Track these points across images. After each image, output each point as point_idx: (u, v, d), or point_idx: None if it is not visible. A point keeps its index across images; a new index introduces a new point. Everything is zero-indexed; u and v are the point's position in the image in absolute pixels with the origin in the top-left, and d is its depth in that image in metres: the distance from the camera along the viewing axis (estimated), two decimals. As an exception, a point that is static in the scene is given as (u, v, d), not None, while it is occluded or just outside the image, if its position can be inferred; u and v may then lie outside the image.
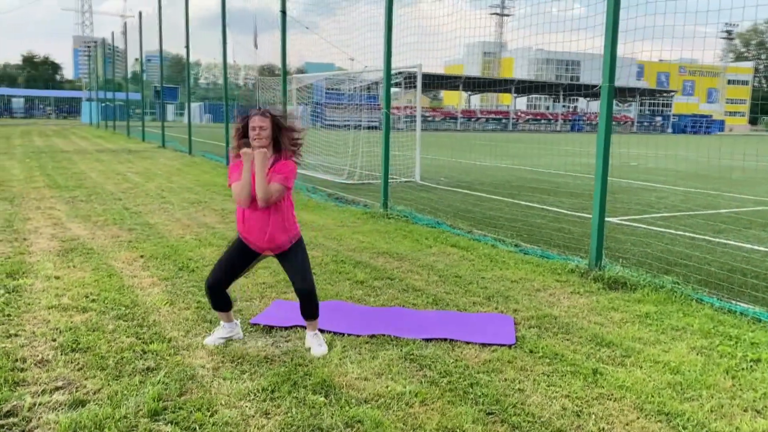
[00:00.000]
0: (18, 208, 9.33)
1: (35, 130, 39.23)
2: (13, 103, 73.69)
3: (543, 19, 8.11)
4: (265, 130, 3.91)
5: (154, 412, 3.16)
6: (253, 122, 3.92)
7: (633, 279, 5.76)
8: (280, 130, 3.96)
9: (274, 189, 3.89)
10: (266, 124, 3.92)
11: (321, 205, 10.34)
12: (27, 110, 73.33)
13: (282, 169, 3.93)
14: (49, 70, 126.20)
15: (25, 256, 6.35)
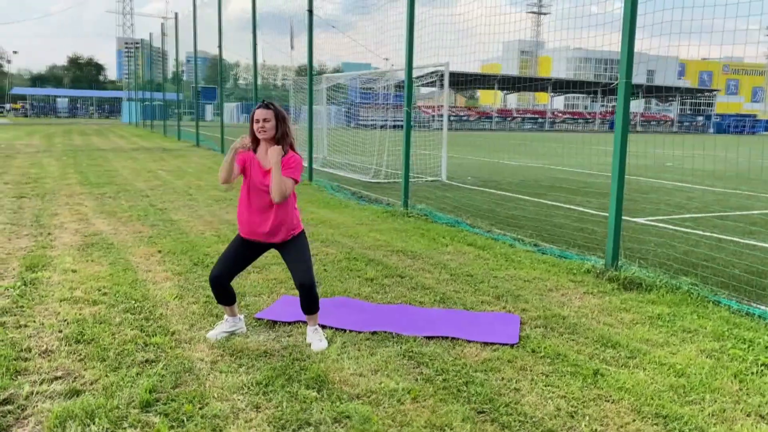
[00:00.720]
0: (48, 204, 9.58)
1: (76, 129, 40.25)
2: (57, 103, 75.76)
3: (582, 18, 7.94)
4: (269, 121, 3.93)
5: (146, 403, 3.20)
6: (257, 115, 3.94)
7: (649, 280, 5.63)
8: (282, 122, 3.97)
9: (287, 184, 3.89)
10: (270, 116, 3.93)
11: (343, 203, 10.36)
12: (71, 110, 75.29)
13: (289, 164, 3.94)
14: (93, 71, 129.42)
15: (46, 250, 6.51)
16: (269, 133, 3.92)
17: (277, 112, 3.97)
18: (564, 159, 22.88)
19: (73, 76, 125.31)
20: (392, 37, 10.89)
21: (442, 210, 9.67)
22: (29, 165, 15.44)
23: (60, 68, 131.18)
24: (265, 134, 3.91)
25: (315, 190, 12.05)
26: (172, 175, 14.13)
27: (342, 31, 19.66)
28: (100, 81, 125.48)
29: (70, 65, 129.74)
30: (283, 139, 3.97)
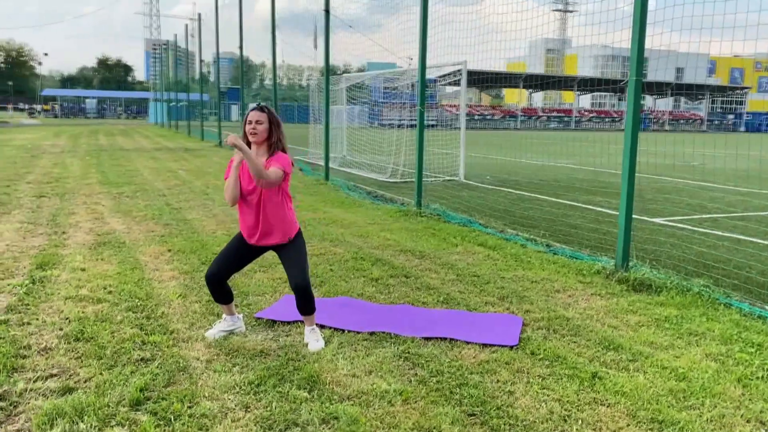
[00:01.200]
0: (66, 203, 9.72)
1: (103, 129, 40.88)
2: (86, 104, 77.03)
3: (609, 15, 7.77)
4: (262, 124, 3.93)
5: (136, 402, 3.21)
6: (250, 117, 3.95)
7: (659, 281, 5.51)
8: (275, 126, 3.98)
9: (273, 173, 3.87)
10: (263, 119, 3.94)
11: (357, 203, 10.35)
12: (99, 111, 76.53)
13: (278, 159, 3.94)
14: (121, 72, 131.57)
15: (59, 249, 6.60)
16: (260, 136, 3.92)
17: (271, 117, 3.97)
18: (587, 158, 22.60)
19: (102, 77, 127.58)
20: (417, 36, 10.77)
21: (457, 210, 9.61)
22: (53, 165, 15.71)
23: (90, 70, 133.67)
24: (256, 137, 3.91)
25: (330, 189, 12.06)
26: (192, 175, 14.26)
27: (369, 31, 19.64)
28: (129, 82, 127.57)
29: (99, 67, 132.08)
30: (275, 142, 3.97)
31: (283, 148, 4.03)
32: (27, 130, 37.53)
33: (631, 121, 5.70)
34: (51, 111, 74.23)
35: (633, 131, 5.70)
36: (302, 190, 11.92)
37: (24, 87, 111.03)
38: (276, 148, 4.00)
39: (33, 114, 70.13)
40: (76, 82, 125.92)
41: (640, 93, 5.65)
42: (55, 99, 79.25)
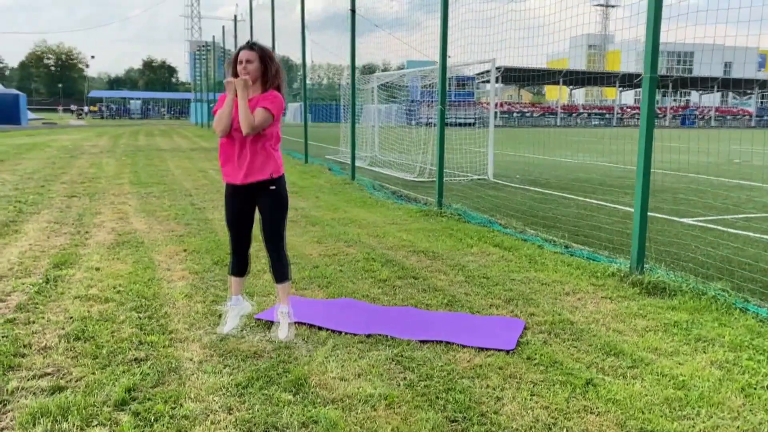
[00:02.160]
0: (95, 203, 9.95)
1: (144, 130, 41.76)
2: (130, 105, 78.85)
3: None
4: (252, 63, 3.92)
5: (121, 402, 3.25)
6: (240, 56, 3.93)
7: (674, 284, 5.34)
8: (267, 65, 3.95)
9: (259, 115, 3.87)
10: (253, 58, 3.92)
11: (379, 203, 10.33)
12: (143, 111, 78.28)
13: (267, 98, 3.92)
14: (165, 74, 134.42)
15: (78, 248, 6.75)
16: (253, 76, 3.91)
17: (262, 53, 3.94)
18: (623, 156, 22.08)
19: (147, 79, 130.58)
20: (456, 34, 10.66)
21: (480, 209, 9.50)
22: (89, 165, 16.10)
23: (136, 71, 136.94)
24: (249, 76, 3.90)
25: (355, 189, 12.06)
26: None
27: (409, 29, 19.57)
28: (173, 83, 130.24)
29: (144, 68, 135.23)
30: (270, 80, 3.93)
31: (278, 86, 4.00)
32: (72, 131, 38.60)
33: (645, 119, 5.54)
34: (97, 112, 76.24)
35: (648, 129, 5.53)
36: (327, 189, 11.96)
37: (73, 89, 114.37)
38: (271, 85, 3.97)
39: (80, 115, 72.14)
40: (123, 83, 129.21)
41: (655, 90, 5.48)
42: (101, 100, 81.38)
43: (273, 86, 3.99)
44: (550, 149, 25.89)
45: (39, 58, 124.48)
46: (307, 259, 6.40)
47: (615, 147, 27.22)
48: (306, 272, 5.89)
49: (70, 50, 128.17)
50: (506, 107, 70.63)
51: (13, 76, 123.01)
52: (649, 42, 5.41)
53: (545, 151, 24.46)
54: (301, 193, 11.31)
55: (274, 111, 3.93)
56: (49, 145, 23.27)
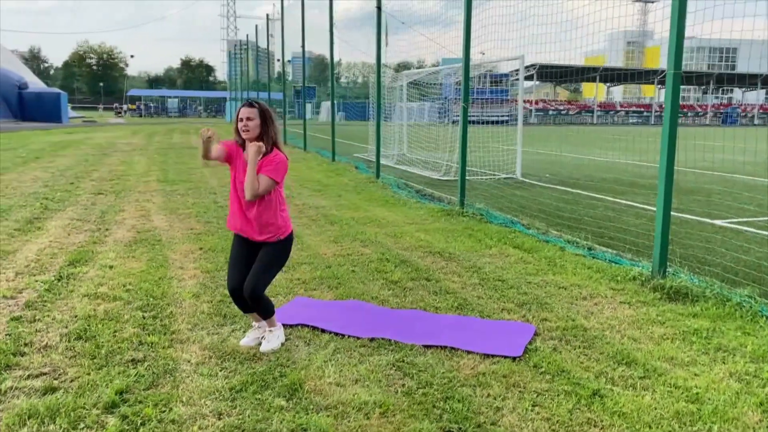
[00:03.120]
0: (120, 200, 10.04)
1: (180, 128, 42.33)
2: (168, 103, 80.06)
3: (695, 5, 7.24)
4: (253, 120, 3.85)
5: (111, 404, 3.21)
6: (241, 113, 3.88)
7: (697, 290, 5.11)
8: (267, 122, 3.89)
9: (263, 182, 3.82)
10: (253, 115, 3.86)
11: (401, 201, 10.21)
12: (180, 110, 79.40)
13: (270, 162, 3.86)
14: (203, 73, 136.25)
15: (96, 246, 6.79)
16: (253, 132, 3.85)
17: (262, 111, 3.89)
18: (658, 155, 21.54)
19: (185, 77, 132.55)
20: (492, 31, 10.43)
21: (504, 209, 9.32)
22: (120, 163, 16.33)
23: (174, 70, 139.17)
24: (248, 134, 3.84)
25: (379, 187, 11.96)
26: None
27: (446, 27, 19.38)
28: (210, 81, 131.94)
29: (182, 67, 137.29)
30: (267, 137, 3.89)
31: (276, 143, 3.95)
32: (110, 128, 39.32)
33: (669, 116, 5.31)
34: (136, 110, 77.61)
35: (671, 127, 5.31)
36: (351, 188, 11.88)
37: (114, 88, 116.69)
38: (270, 143, 3.92)
39: (119, 113, 73.51)
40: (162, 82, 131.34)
41: (679, 87, 5.25)
42: (140, 99, 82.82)
43: (272, 142, 3.92)
44: (583, 148, 25.42)
45: (81, 58, 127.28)
46: (321, 258, 6.32)
47: (650, 146, 26.59)
48: (318, 272, 5.81)
49: (111, 50, 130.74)
50: (541, 105, 69.75)
51: (57, 76, 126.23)
52: (673, 38, 5.19)
53: (578, 150, 24.01)
54: (324, 192, 11.25)
55: (279, 178, 3.88)
56: (85, 143, 23.70)
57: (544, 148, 24.30)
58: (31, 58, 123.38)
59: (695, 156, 20.58)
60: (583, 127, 55.44)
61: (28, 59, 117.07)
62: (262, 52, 35.09)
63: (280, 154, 3.92)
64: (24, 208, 9.03)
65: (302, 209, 9.36)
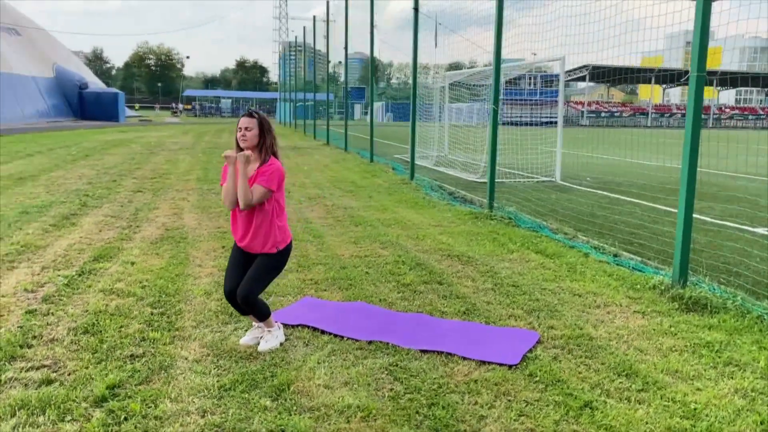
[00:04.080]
0: (156, 198, 10.30)
1: (229, 128, 43.11)
2: (221, 104, 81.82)
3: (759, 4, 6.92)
4: (251, 130, 3.90)
5: (101, 398, 3.28)
6: (240, 123, 3.93)
7: (717, 301, 4.91)
8: (265, 132, 3.93)
9: (256, 192, 3.86)
10: (253, 125, 3.91)
11: (431, 203, 10.15)
12: (233, 110, 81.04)
13: (265, 171, 3.89)
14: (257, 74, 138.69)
15: (123, 242, 6.97)
16: (251, 142, 3.89)
17: (261, 122, 3.92)
18: (710, 159, 20.80)
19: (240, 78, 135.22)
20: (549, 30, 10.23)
21: (536, 213, 9.17)
22: (164, 161, 16.74)
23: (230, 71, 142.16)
24: (246, 143, 3.89)
25: (411, 189, 11.92)
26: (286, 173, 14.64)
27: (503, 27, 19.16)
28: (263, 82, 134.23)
29: (238, 68, 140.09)
30: (267, 147, 3.93)
31: (274, 152, 3.99)
32: (163, 128, 40.41)
33: (691, 120, 5.13)
34: (191, 110, 79.61)
35: (694, 130, 5.12)
36: (383, 189, 11.88)
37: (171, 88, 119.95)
38: (268, 153, 3.96)
39: (175, 113, 75.50)
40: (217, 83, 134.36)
41: (702, 89, 5.06)
42: (195, 99, 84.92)
43: (270, 153, 3.96)
44: (632, 151, 24.77)
45: (141, 59, 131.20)
46: (337, 259, 6.34)
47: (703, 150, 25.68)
48: (332, 273, 5.83)
49: (169, 51, 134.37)
50: (594, 107, 68.37)
51: (118, 76, 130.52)
52: (697, 39, 5.01)
53: (626, 153, 23.42)
54: (356, 193, 11.29)
55: (273, 187, 3.91)
56: (135, 142, 24.41)
57: (590, 151, 23.79)
58: (94, 59, 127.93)
59: (751, 161, 19.83)
60: (636, 130, 54.10)
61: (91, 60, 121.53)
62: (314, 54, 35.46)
63: (276, 163, 3.95)
64: (64, 204, 9.35)
65: (330, 210, 9.41)
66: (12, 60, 42.45)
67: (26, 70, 43.78)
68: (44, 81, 46.03)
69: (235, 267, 4.09)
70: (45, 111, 44.00)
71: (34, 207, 8.97)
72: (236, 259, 4.11)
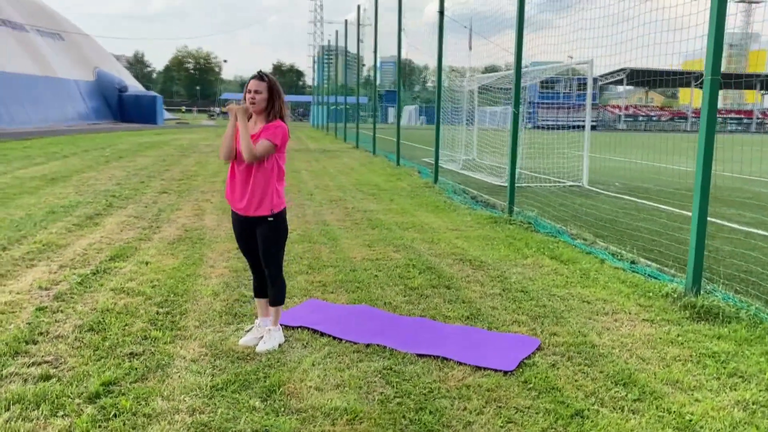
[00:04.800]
0: (181, 199, 10.47)
1: (264, 130, 43.54)
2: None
3: None
4: (261, 93, 3.94)
5: (95, 395, 3.35)
6: (250, 85, 3.96)
7: (730, 310, 4.78)
8: (275, 96, 3.96)
9: (261, 146, 3.89)
10: (262, 88, 3.94)
11: (452, 207, 10.10)
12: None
13: (270, 128, 3.93)
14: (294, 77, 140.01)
15: (141, 242, 7.10)
16: (259, 105, 3.94)
17: (271, 86, 3.95)
18: (748, 165, 20.29)
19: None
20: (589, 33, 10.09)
21: (558, 218, 9.06)
22: (194, 163, 17.01)
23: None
24: (255, 106, 3.93)
25: (434, 192, 11.88)
26: (311, 175, 14.76)
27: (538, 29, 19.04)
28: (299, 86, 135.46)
29: (274, 72, 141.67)
30: (275, 112, 3.96)
31: (282, 116, 4.01)
32: (198, 130, 41.07)
33: (705, 123, 5.02)
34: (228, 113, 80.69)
35: (708, 134, 5.02)
36: (406, 192, 11.87)
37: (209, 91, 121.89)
38: (275, 117, 3.99)
39: (212, 116, 76.64)
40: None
41: (717, 93, 4.94)
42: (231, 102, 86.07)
43: (278, 117, 4.00)
44: (667, 155, 24.27)
45: (180, 63, 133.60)
46: (348, 262, 6.35)
47: (743, 155, 25.09)
48: (341, 275, 5.85)
49: (207, 54, 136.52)
50: (632, 111, 67.25)
51: (158, 79, 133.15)
52: (711, 41, 4.89)
53: (661, 158, 22.96)
54: (378, 196, 11.30)
55: (278, 141, 3.94)
56: (169, 144, 24.85)
57: (623, 155, 23.41)
58: (135, 63, 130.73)
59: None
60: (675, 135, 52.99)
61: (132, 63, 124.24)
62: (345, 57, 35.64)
63: (281, 123, 3.98)
64: (90, 204, 9.57)
65: (350, 212, 9.44)
66: (55, 64, 43.69)
67: (68, 73, 45.00)
68: (85, 84, 47.25)
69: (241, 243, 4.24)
70: (86, 113, 45.14)
71: (61, 207, 9.20)
72: (239, 233, 4.21)
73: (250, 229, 4.16)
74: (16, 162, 15.73)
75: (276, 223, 4.11)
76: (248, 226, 4.15)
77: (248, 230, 4.17)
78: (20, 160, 16.11)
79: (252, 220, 4.10)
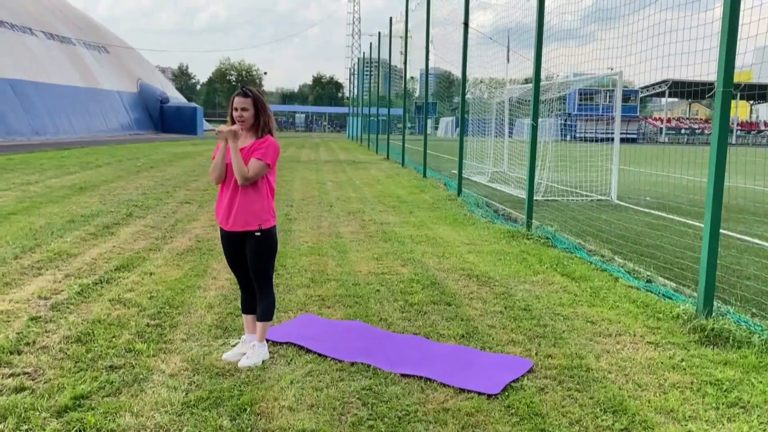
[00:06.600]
0: (199, 209, 10.53)
1: (297, 142, 43.98)
2: (296, 119, 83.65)
3: None
4: (247, 110, 3.91)
5: (63, 409, 3.31)
6: (235, 103, 3.93)
7: (741, 334, 4.52)
8: (260, 110, 3.92)
9: (253, 166, 3.86)
10: (248, 105, 3.92)
11: (471, 220, 9.92)
12: (307, 125, 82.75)
13: (261, 146, 3.89)
14: (333, 89, 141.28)
15: (151, 252, 7.13)
16: (247, 122, 3.92)
17: (256, 101, 3.91)
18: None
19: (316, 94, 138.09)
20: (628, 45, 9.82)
21: (579, 233, 8.81)
22: (222, 174, 17.14)
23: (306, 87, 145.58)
24: (243, 123, 3.90)
25: (456, 205, 11.70)
26: (334, 186, 14.73)
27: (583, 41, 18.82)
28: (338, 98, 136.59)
29: (314, 84, 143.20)
30: (262, 127, 3.91)
31: (270, 131, 3.97)
32: (235, 141, 41.55)
33: (717, 137, 4.78)
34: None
35: (719, 147, 4.77)
36: (427, 205, 11.73)
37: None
38: (263, 132, 3.95)
39: (250, 127, 77.70)
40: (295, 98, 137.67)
41: (729, 105, 4.71)
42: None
43: (266, 132, 3.96)
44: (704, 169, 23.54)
45: (223, 75, 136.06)
46: (353, 276, 6.25)
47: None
48: (341, 290, 5.75)
49: (250, 67, 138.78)
50: (674, 123, 65.83)
51: (201, 91, 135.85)
52: (723, 53, 4.67)
53: (697, 172, 22.28)
54: (398, 208, 11.19)
55: (269, 161, 3.91)
56: (202, 155, 25.18)
57: (659, 169, 22.81)
58: (180, 75, 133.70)
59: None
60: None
61: (177, 76, 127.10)
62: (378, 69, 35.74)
63: (271, 139, 3.95)
64: (111, 214, 9.69)
65: (366, 224, 9.35)
66: (99, 76, 44.88)
67: (112, 85, 46.16)
68: (128, 96, 48.38)
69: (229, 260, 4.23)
70: (128, 124, 46.20)
71: (81, 216, 9.33)
72: (227, 250, 4.19)
73: (238, 244, 4.10)
74: (50, 171, 16.11)
75: (264, 238, 4.05)
76: (237, 242, 4.10)
77: (237, 246, 4.12)
78: (54, 170, 16.49)
79: (240, 236, 4.05)
